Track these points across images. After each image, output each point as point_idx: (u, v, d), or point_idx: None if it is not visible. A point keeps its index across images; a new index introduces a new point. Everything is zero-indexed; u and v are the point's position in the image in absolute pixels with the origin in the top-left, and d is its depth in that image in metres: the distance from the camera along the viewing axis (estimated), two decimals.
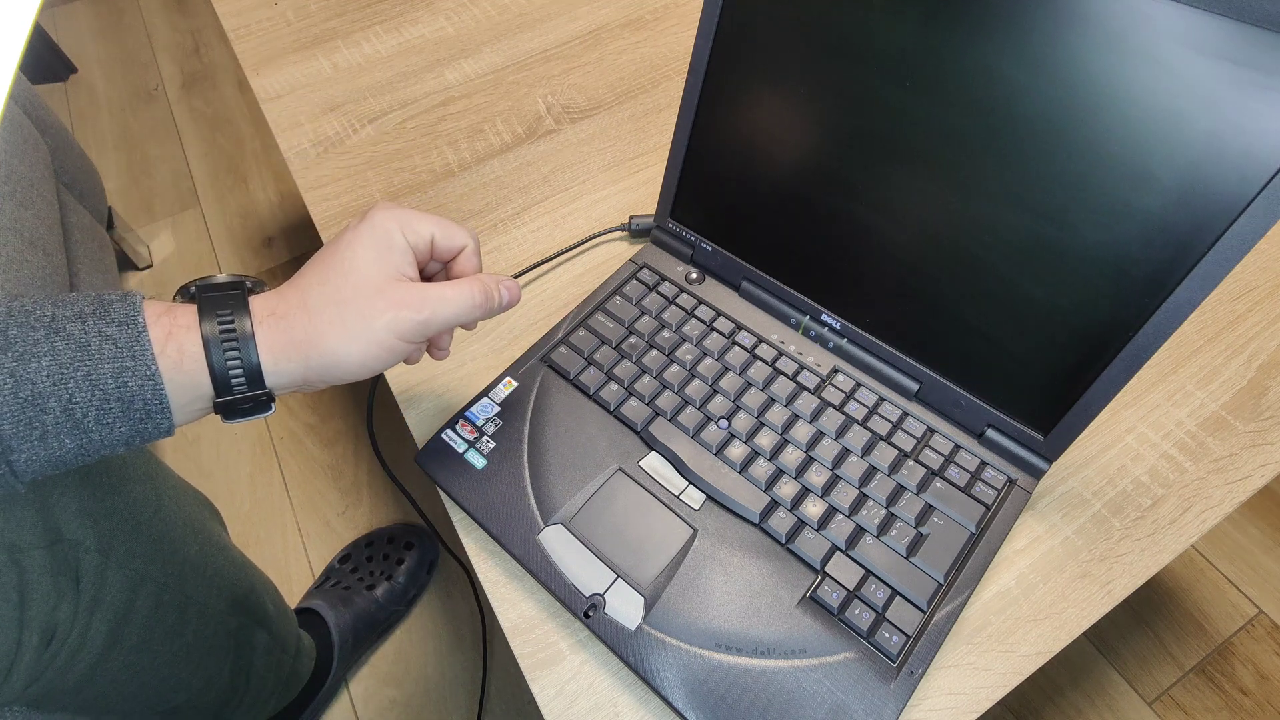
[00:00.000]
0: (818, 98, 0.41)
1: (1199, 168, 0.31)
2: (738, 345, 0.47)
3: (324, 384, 0.34)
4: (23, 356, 0.27)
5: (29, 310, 0.28)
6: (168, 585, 0.49)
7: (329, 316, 0.32)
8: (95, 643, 0.44)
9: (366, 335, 0.32)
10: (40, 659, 0.40)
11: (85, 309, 0.28)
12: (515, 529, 0.40)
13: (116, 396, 0.28)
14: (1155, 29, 0.30)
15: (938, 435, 0.43)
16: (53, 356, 0.27)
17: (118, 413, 0.29)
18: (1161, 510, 0.43)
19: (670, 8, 0.75)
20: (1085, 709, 0.82)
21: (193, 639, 0.52)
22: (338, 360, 0.32)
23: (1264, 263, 0.54)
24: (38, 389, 0.27)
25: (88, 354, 0.28)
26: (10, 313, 0.27)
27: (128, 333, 0.28)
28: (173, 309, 0.31)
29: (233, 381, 0.31)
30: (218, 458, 1.05)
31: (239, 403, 0.32)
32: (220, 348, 0.30)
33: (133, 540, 0.47)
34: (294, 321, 0.32)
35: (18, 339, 0.27)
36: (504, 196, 0.60)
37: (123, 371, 0.28)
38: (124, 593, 0.45)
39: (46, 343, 0.27)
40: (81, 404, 0.28)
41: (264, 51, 0.73)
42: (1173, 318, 0.34)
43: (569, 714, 0.38)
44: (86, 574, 0.43)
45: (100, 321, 0.28)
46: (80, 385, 0.28)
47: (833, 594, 0.38)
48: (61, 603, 0.41)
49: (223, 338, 0.30)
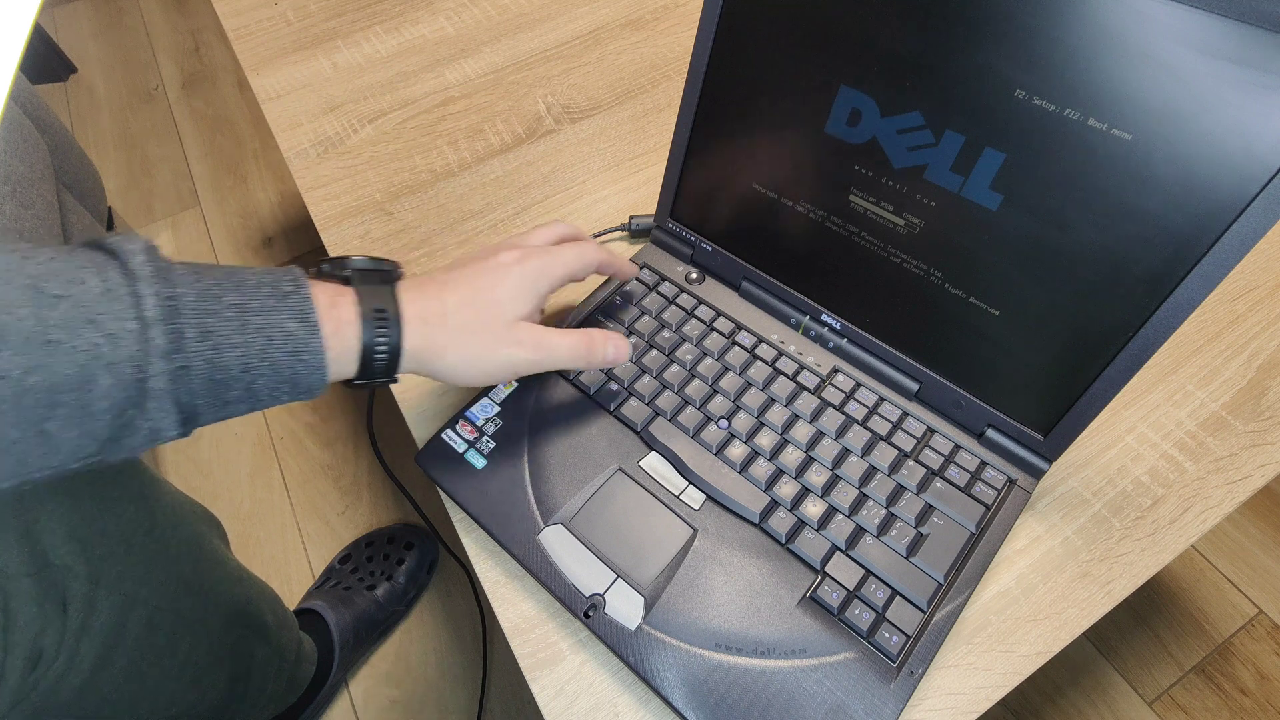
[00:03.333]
0: (818, 97, 0.41)
1: (1199, 168, 0.31)
2: (738, 345, 0.47)
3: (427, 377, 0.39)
4: (219, 346, 0.31)
5: (218, 297, 0.31)
6: (160, 606, 0.49)
7: (462, 340, 0.37)
8: (83, 665, 0.43)
9: (482, 364, 0.38)
10: (25, 682, 0.40)
11: (268, 301, 0.32)
12: (515, 529, 0.40)
13: (290, 380, 0.33)
14: (1155, 29, 0.30)
15: (938, 435, 0.43)
16: (244, 349, 0.31)
17: (287, 389, 0.33)
18: (1161, 510, 0.43)
19: (670, 8, 0.75)
20: (1085, 709, 0.82)
21: (186, 656, 0.52)
22: (450, 374, 0.37)
23: (1264, 263, 0.54)
24: (230, 374, 0.31)
25: (272, 347, 0.32)
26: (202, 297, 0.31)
27: (305, 329, 0.33)
28: (336, 303, 0.34)
29: (374, 371, 0.35)
30: (217, 458, 1.05)
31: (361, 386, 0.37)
32: (373, 350, 0.35)
33: (124, 563, 0.46)
34: (434, 332, 0.36)
35: (215, 329, 0.31)
36: (504, 196, 0.60)
37: (298, 363, 0.33)
38: (114, 616, 0.45)
39: (239, 335, 0.31)
40: (262, 384, 0.32)
41: (264, 51, 0.73)
42: (1173, 318, 0.34)
43: (569, 714, 0.38)
44: (74, 600, 0.42)
45: (281, 317, 0.32)
46: (264, 371, 0.32)
47: (833, 594, 0.38)
48: (48, 628, 0.41)
49: (376, 344, 0.35)
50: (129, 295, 0.29)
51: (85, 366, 0.28)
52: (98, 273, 0.29)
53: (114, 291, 0.29)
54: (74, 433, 0.29)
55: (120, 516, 0.48)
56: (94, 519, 0.45)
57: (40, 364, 0.27)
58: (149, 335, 0.29)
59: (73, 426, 0.28)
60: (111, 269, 0.29)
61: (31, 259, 0.28)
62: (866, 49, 0.38)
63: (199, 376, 0.31)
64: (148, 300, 0.29)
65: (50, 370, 0.27)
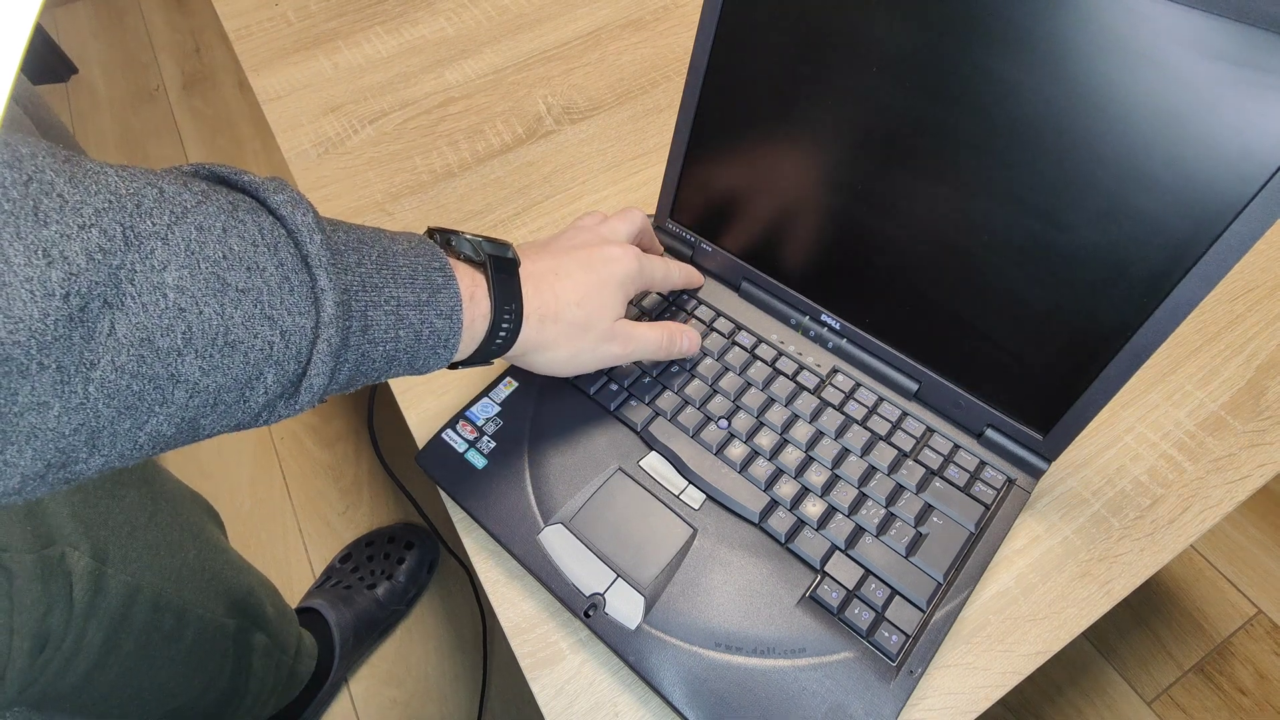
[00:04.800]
0: (817, 98, 0.41)
1: (1198, 168, 0.31)
2: (737, 345, 0.47)
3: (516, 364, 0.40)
4: (375, 341, 0.30)
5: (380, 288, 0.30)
6: (165, 591, 0.49)
7: (570, 336, 0.38)
8: (90, 649, 0.43)
9: (582, 360, 0.39)
10: (33, 666, 0.40)
11: (422, 295, 0.31)
12: (515, 529, 0.41)
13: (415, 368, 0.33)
14: (1155, 30, 0.30)
15: (937, 435, 0.43)
16: (394, 343, 0.31)
17: (405, 372, 0.33)
18: (1161, 510, 0.43)
19: (670, 8, 0.75)
20: (1085, 709, 0.82)
21: (191, 643, 0.52)
22: (547, 366, 0.39)
23: (1263, 263, 0.54)
24: (373, 364, 0.31)
25: (418, 341, 0.32)
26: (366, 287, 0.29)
27: (450, 326, 0.32)
28: (474, 295, 0.34)
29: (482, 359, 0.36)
30: (219, 458, 1.05)
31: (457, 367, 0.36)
32: (492, 342, 0.35)
33: (128, 546, 0.47)
34: (548, 328, 0.37)
35: (374, 323, 0.29)
36: (504, 197, 0.60)
37: (434, 357, 0.33)
38: (120, 599, 0.45)
39: (393, 330, 0.30)
40: (391, 372, 0.32)
41: (265, 52, 0.73)
42: (1172, 318, 0.34)
43: (569, 713, 0.38)
44: (80, 581, 0.43)
45: (431, 312, 0.32)
46: (401, 363, 0.32)
47: (832, 593, 0.38)
48: (53, 610, 0.41)
49: (498, 337, 0.35)
50: (307, 288, 0.27)
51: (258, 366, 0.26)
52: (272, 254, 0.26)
53: (291, 281, 0.26)
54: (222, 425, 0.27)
55: (123, 500, 0.48)
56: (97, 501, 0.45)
57: (218, 365, 0.25)
58: (321, 333, 0.27)
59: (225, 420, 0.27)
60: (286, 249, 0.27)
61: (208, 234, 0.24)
62: (867, 45, 0.38)
63: (347, 370, 0.30)
64: (327, 296, 0.27)
65: (225, 372, 0.25)
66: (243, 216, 0.26)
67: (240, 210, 0.26)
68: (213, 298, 0.24)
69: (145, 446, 0.25)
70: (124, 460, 0.25)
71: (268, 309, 0.26)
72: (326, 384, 0.29)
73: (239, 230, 0.26)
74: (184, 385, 0.24)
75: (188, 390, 0.25)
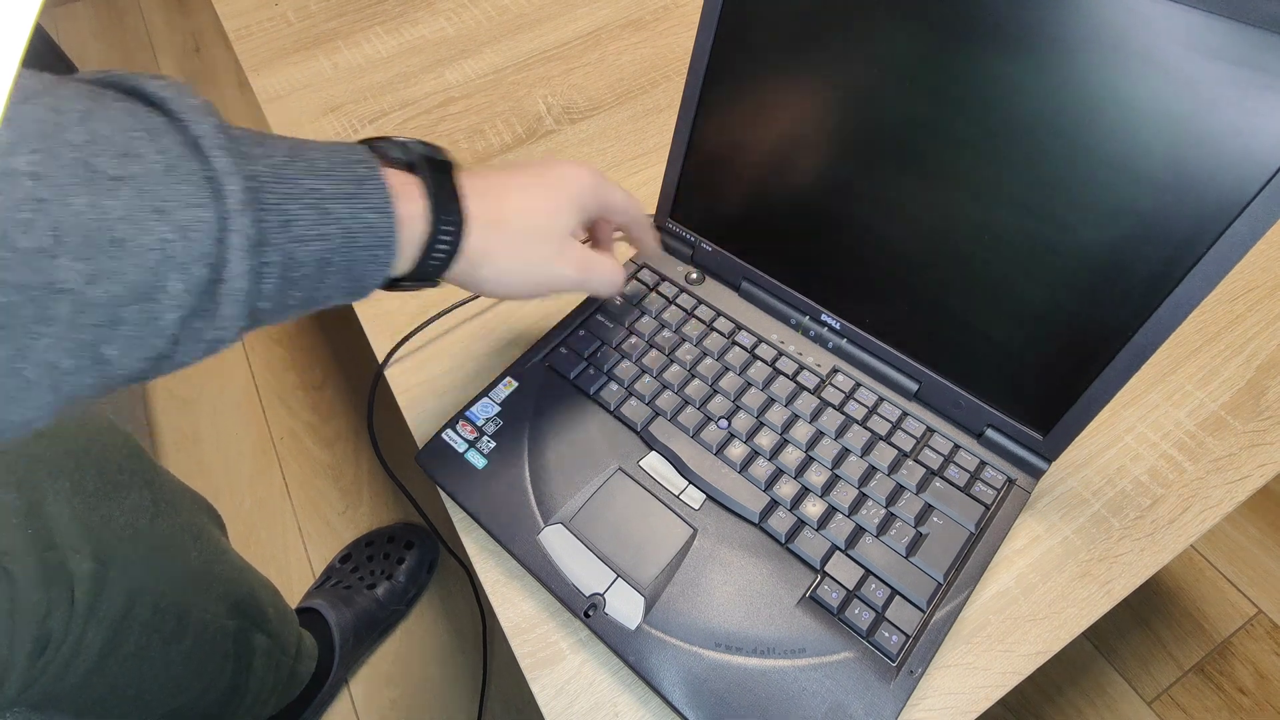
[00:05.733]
0: (817, 98, 0.41)
1: (1198, 168, 0.31)
2: (738, 345, 0.47)
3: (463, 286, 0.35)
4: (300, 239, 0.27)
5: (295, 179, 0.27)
6: (166, 593, 0.49)
7: (516, 247, 0.35)
8: (90, 652, 0.43)
9: (529, 275, 0.35)
10: (33, 668, 0.40)
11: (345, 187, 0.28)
12: (515, 529, 0.41)
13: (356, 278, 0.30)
14: (1155, 30, 0.30)
15: (937, 435, 0.43)
16: (324, 241, 0.28)
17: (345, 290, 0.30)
18: (1161, 510, 0.43)
19: (670, 8, 0.75)
20: (1085, 709, 0.82)
21: (192, 644, 0.52)
22: (494, 282, 0.35)
23: (1264, 263, 0.54)
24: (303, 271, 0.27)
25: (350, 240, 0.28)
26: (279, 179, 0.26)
27: (383, 221, 0.29)
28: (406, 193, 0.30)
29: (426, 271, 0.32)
30: (218, 458, 1.05)
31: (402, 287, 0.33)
32: (434, 248, 0.31)
33: (129, 547, 0.46)
34: (492, 236, 0.33)
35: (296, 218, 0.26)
36: None
37: (371, 259, 0.29)
38: (121, 602, 0.45)
39: (318, 226, 0.27)
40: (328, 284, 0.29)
41: (264, 52, 0.73)
42: (1172, 318, 0.34)
43: (569, 713, 0.38)
44: (81, 584, 0.42)
45: (360, 206, 0.28)
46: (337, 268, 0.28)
47: (832, 593, 0.38)
48: (54, 612, 0.41)
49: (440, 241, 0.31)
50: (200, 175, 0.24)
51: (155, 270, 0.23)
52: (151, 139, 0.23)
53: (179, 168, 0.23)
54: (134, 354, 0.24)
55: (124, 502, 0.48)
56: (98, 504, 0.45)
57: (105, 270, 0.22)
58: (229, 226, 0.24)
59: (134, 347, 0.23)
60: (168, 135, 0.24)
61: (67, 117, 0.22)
62: (867, 45, 0.38)
63: (274, 275, 0.26)
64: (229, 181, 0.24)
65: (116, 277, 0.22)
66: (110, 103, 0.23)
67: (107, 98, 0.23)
68: (81, 188, 0.21)
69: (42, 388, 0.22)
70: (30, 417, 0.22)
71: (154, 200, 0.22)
72: (249, 290, 0.25)
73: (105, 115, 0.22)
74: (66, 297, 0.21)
75: (72, 303, 0.21)
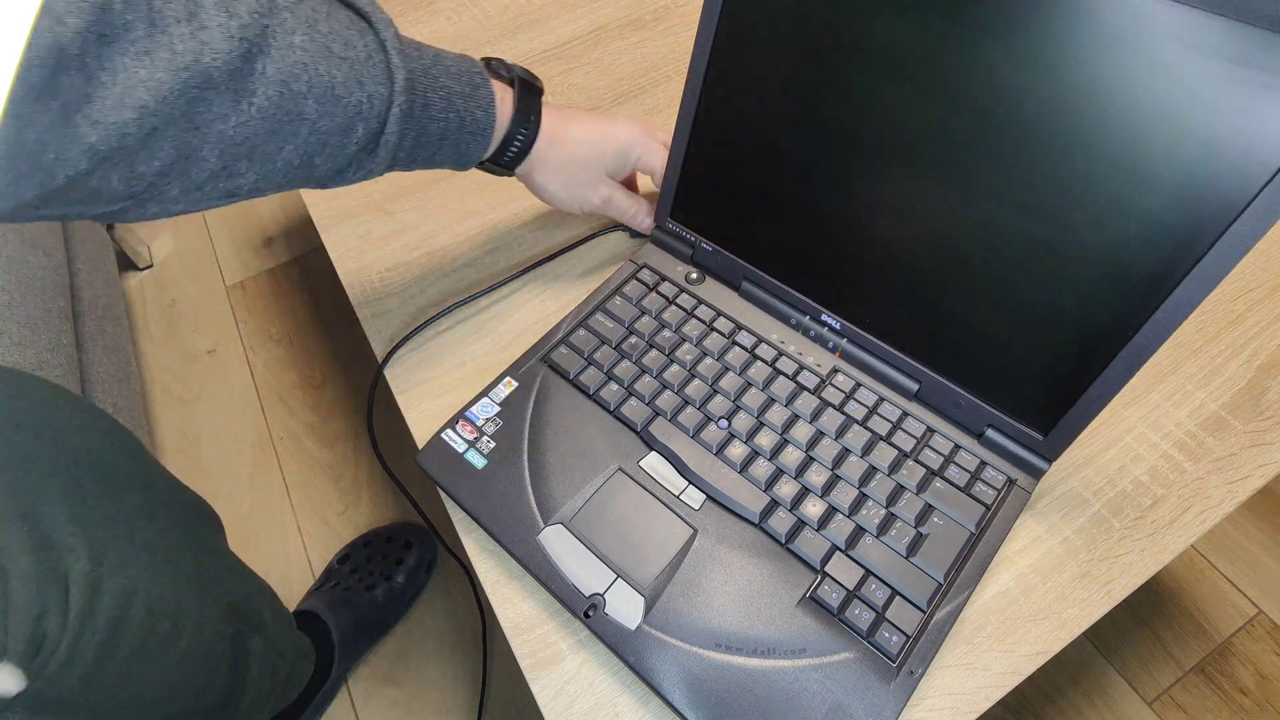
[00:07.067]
0: (817, 98, 0.41)
1: (1199, 168, 0.31)
2: (738, 345, 0.47)
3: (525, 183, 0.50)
4: (432, 118, 0.40)
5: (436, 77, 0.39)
6: (162, 595, 0.49)
7: (565, 164, 0.48)
8: (87, 653, 0.43)
9: (570, 190, 0.49)
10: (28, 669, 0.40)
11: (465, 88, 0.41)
12: (515, 529, 0.41)
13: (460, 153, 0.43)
14: (1155, 29, 0.30)
15: (938, 435, 0.43)
16: (445, 123, 0.40)
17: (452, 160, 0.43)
18: (1161, 510, 0.43)
19: (670, 8, 0.75)
20: (1085, 709, 0.82)
21: (187, 647, 0.52)
22: (544, 185, 0.49)
23: (1264, 263, 0.54)
24: (429, 139, 0.40)
25: (462, 125, 0.41)
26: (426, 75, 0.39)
27: (487, 117, 0.42)
28: (503, 98, 0.43)
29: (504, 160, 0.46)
30: (218, 458, 1.05)
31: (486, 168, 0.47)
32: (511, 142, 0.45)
33: (126, 548, 0.46)
34: (553, 148, 0.47)
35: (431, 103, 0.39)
36: (504, 197, 0.60)
37: (473, 142, 0.43)
38: (117, 603, 0.45)
39: (445, 112, 0.40)
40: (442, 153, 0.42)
41: None
42: (1173, 318, 0.34)
43: (569, 714, 0.38)
44: (76, 584, 0.42)
45: (473, 104, 0.41)
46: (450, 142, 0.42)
47: (833, 594, 0.38)
48: (49, 612, 0.40)
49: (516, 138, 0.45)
50: (384, 65, 0.36)
51: (352, 118, 0.36)
52: (360, 38, 0.36)
53: (374, 59, 0.36)
54: (328, 165, 0.37)
55: (122, 502, 0.48)
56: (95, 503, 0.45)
57: (328, 112, 0.35)
58: (394, 101, 0.37)
59: (330, 161, 0.37)
60: (369, 35, 0.36)
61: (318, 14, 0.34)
62: (867, 45, 0.38)
63: (411, 137, 0.39)
64: (399, 73, 0.37)
65: (332, 117, 0.35)
66: (337, 10, 0.36)
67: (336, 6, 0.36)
68: (323, 60, 0.34)
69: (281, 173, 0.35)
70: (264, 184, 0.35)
71: (358, 75, 0.35)
72: (396, 144, 0.38)
73: (337, 17, 0.35)
74: (307, 123, 0.34)
75: (309, 127, 0.34)
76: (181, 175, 0.32)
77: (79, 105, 0.27)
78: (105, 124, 0.28)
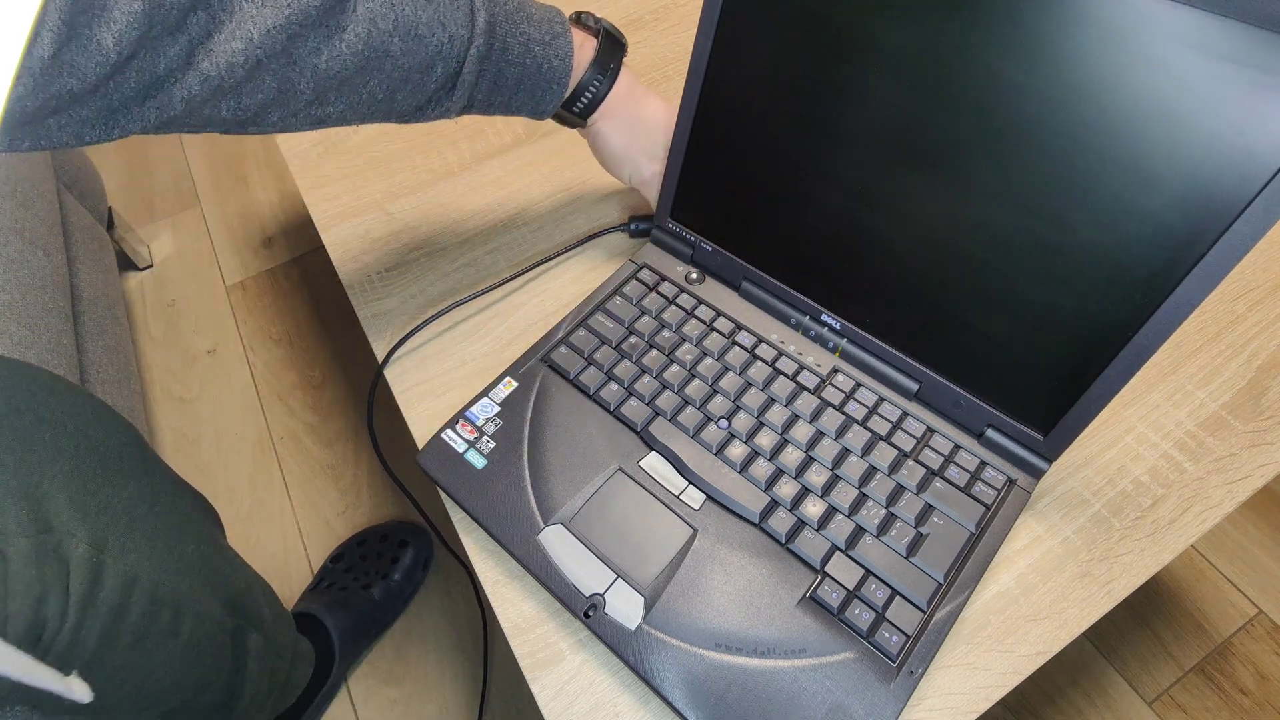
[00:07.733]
0: (817, 98, 0.41)
1: (1199, 168, 0.31)
2: (738, 345, 0.47)
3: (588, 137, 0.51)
4: (509, 61, 0.42)
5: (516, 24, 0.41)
6: (163, 583, 0.49)
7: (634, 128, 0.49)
8: (88, 641, 0.43)
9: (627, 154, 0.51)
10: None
11: (545, 36, 0.43)
12: (515, 529, 0.41)
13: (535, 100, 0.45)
14: (1156, 29, 0.30)
15: (938, 435, 0.43)
16: (522, 68, 0.43)
17: (528, 107, 0.45)
18: (1161, 510, 0.43)
19: (670, 8, 0.75)
20: (1085, 709, 0.82)
21: (188, 639, 0.52)
22: (604, 142, 0.50)
23: (1264, 263, 0.54)
24: (506, 83, 0.43)
25: (539, 71, 0.43)
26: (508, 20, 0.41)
27: (564, 66, 0.44)
28: (583, 47, 0.45)
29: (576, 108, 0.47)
30: (218, 458, 1.05)
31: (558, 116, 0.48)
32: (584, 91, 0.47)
33: (127, 535, 0.46)
34: (623, 107, 0.48)
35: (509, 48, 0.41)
36: (504, 197, 0.60)
37: (549, 89, 0.45)
38: (118, 590, 0.45)
39: (522, 57, 0.42)
40: (518, 98, 0.44)
41: None
42: (1173, 318, 0.34)
43: (569, 714, 0.38)
44: (77, 569, 0.42)
45: (550, 52, 0.43)
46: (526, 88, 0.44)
47: (833, 594, 0.38)
48: (49, 597, 0.40)
49: (590, 88, 0.46)
50: (467, 9, 0.39)
51: (432, 57, 0.39)
52: None
53: (457, 2, 0.39)
54: (409, 101, 0.40)
55: (123, 489, 0.47)
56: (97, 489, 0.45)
57: (410, 50, 0.38)
58: (473, 43, 0.40)
59: (410, 96, 0.40)
60: None
61: None
62: (868, 45, 0.38)
63: (488, 79, 0.42)
64: (480, 16, 0.40)
65: (414, 55, 0.38)
66: None
67: None
68: (409, 2, 0.37)
69: (365, 105, 0.39)
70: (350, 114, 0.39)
71: (441, 17, 0.38)
72: (473, 85, 0.41)
73: None
74: (391, 59, 0.37)
75: (393, 64, 0.37)
76: (280, 104, 0.36)
77: (201, 40, 0.31)
78: (220, 57, 0.32)
